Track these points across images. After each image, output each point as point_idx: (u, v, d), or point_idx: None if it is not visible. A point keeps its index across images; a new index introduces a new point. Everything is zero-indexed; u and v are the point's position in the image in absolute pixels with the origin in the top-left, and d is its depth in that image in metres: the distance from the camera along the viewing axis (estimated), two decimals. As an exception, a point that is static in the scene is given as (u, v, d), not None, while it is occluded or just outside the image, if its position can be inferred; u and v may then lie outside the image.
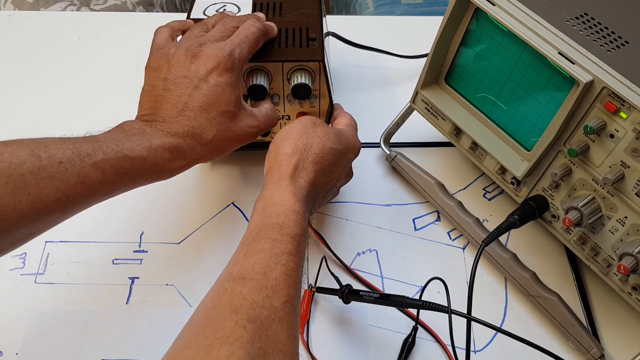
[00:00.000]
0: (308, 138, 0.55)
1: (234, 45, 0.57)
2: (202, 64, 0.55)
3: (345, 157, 0.58)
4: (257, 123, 0.59)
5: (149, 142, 0.52)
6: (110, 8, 1.12)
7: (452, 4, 0.59)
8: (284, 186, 0.51)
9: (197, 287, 0.63)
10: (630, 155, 0.51)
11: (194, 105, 0.54)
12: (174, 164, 0.54)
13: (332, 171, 0.56)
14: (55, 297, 0.62)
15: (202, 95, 0.54)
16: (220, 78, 0.55)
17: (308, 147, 0.54)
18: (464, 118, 0.64)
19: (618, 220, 0.54)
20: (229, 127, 0.56)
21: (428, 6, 1.23)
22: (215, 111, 0.55)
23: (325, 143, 0.55)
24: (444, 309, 0.52)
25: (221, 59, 0.55)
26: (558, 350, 0.59)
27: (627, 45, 0.55)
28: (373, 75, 0.85)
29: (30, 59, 0.85)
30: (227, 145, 0.57)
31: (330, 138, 0.56)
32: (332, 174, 0.57)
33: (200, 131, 0.54)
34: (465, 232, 0.67)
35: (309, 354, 0.58)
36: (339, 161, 0.57)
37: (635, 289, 0.55)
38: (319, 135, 0.56)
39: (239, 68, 0.57)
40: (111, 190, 0.51)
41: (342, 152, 0.57)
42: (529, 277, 0.62)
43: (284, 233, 0.47)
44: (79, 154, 0.48)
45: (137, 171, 0.51)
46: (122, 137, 0.51)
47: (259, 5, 0.69)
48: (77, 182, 0.47)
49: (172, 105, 0.54)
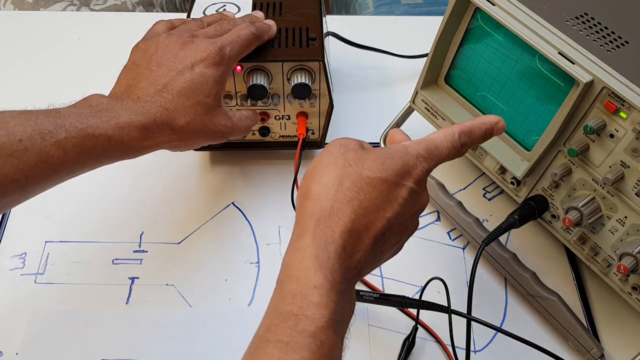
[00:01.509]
0: (337, 170, 0.41)
1: (225, 43, 0.57)
2: (191, 52, 0.55)
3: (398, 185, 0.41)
4: (230, 124, 0.57)
5: (115, 119, 0.50)
6: (110, 8, 1.11)
7: (452, 4, 0.59)
8: (305, 245, 0.38)
9: (197, 287, 0.63)
10: (630, 155, 0.51)
11: (173, 89, 0.53)
12: (142, 143, 0.52)
13: (381, 207, 0.41)
14: (55, 297, 0.62)
15: (183, 80, 0.53)
16: (206, 69, 0.54)
17: (339, 183, 0.40)
18: (464, 118, 0.64)
19: (618, 220, 0.54)
20: (202, 119, 0.54)
21: (428, 6, 1.23)
22: (193, 99, 0.53)
23: (361, 172, 0.41)
24: (444, 309, 0.52)
25: (210, 52, 0.55)
26: (558, 350, 0.59)
27: (627, 45, 0.55)
28: (373, 75, 0.85)
29: (30, 59, 0.85)
30: (197, 137, 0.56)
31: (369, 165, 0.41)
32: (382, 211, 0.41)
33: (174, 115, 0.53)
34: (465, 232, 0.67)
35: (309, 354, 0.58)
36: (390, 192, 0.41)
37: (635, 289, 0.55)
38: (350, 165, 0.41)
39: (227, 65, 0.57)
40: (73, 169, 0.49)
41: (390, 180, 0.41)
42: (529, 277, 0.62)
43: (300, 330, 0.35)
44: (40, 132, 0.46)
45: (101, 150, 0.49)
46: (87, 113, 0.49)
47: (258, 5, 0.69)
48: (37, 162, 0.46)
49: (151, 83, 0.53)
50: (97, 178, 0.71)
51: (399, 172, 0.41)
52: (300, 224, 0.40)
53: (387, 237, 0.42)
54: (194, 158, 0.73)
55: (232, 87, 0.64)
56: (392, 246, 0.44)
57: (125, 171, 0.71)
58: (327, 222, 0.39)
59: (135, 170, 0.72)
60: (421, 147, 0.43)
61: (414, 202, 0.42)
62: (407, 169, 0.42)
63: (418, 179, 0.42)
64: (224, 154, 0.74)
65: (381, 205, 0.40)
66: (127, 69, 0.56)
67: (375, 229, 0.40)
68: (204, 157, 0.74)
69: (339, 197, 0.40)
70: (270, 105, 0.66)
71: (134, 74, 0.54)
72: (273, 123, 0.69)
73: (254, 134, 0.69)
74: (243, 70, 0.63)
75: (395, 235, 0.43)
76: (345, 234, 0.39)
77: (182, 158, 0.73)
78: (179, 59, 0.54)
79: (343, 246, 0.39)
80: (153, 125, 0.52)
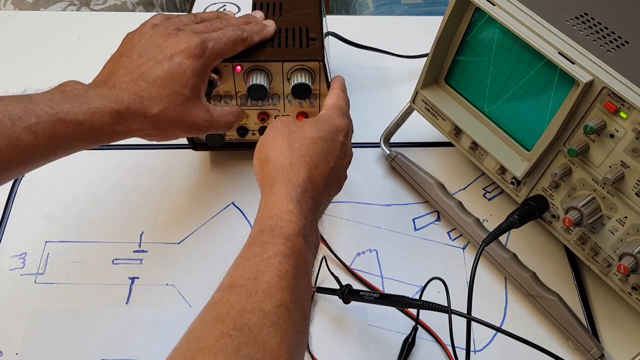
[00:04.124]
0: (285, 138, 0.53)
1: (209, 38, 0.57)
2: (173, 44, 0.55)
3: (334, 141, 0.55)
4: (208, 117, 0.57)
5: (87, 104, 0.50)
6: (110, 8, 1.11)
7: (452, 4, 0.59)
8: (276, 190, 0.49)
9: (197, 287, 0.63)
10: (630, 155, 0.51)
11: (150, 77, 0.54)
12: (114, 128, 0.52)
13: (325, 159, 0.53)
14: (55, 297, 0.62)
15: (161, 69, 0.54)
16: (185, 60, 0.55)
17: (289, 146, 0.52)
18: (464, 118, 0.64)
19: (618, 220, 0.54)
20: (177, 109, 0.55)
21: (428, 6, 1.23)
22: (168, 89, 0.54)
23: (304, 135, 0.53)
24: (444, 309, 0.52)
25: (191, 44, 0.55)
26: (558, 350, 0.59)
27: (627, 45, 0.55)
28: (373, 75, 0.85)
29: (30, 59, 0.85)
30: (171, 127, 0.56)
31: (308, 129, 0.54)
32: (327, 162, 0.53)
33: (148, 103, 0.53)
34: (465, 232, 0.67)
35: (309, 354, 0.58)
36: (328, 147, 0.54)
37: (635, 289, 0.55)
38: (294, 131, 0.53)
39: (208, 59, 0.57)
40: (46, 155, 0.49)
41: (327, 137, 0.54)
42: (529, 277, 0.62)
43: (276, 235, 0.45)
44: (10, 117, 0.46)
45: (73, 135, 0.50)
46: (59, 98, 0.50)
47: (258, 5, 0.69)
48: (8, 146, 0.46)
49: (128, 71, 0.54)
50: (98, 178, 0.71)
51: (332, 130, 0.55)
52: (268, 181, 0.50)
53: (332, 182, 0.54)
54: (194, 158, 0.73)
55: (232, 87, 0.64)
56: (334, 189, 0.56)
57: (125, 171, 0.72)
58: (289, 174, 0.50)
59: (136, 170, 0.72)
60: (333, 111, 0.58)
61: (344, 154, 0.56)
62: (336, 127, 0.56)
63: (345, 133, 0.56)
64: (224, 154, 0.74)
65: (325, 157, 0.53)
66: (112, 57, 0.57)
67: (324, 175, 0.52)
68: (204, 157, 0.74)
69: (293, 156, 0.51)
70: (270, 105, 0.66)
71: (116, 62, 0.56)
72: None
73: (254, 134, 0.69)
74: (243, 70, 0.63)
75: (336, 180, 0.56)
76: (305, 181, 0.50)
77: (182, 158, 0.73)
78: (160, 49, 0.55)
79: (305, 188, 0.50)
80: (126, 112, 0.52)
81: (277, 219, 0.47)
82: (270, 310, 0.40)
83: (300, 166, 0.51)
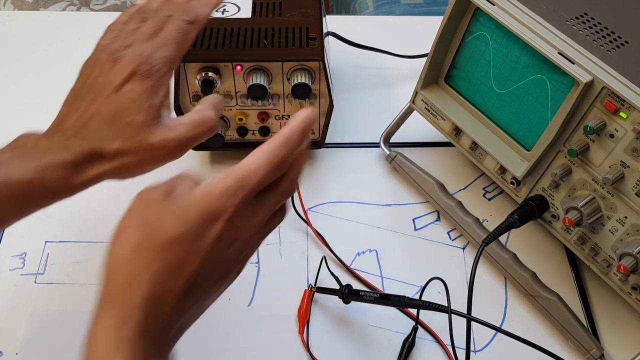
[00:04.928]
0: (135, 232, 0.39)
1: (155, 48, 0.50)
2: (119, 71, 0.49)
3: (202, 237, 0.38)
4: (172, 136, 0.49)
5: (37, 160, 0.45)
6: (110, 8, 1.12)
7: (452, 4, 0.59)
8: (106, 324, 0.37)
9: (197, 287, 0.63)
10: (630, 155, 0.51)
11: (101, 116, 0.48)
12: (70, 182, 0.47)
13: (181, 267, 0.38)
14: (55, 297, 0.62)
15: (111, 105, 0.48)
16: (135, 84, 0.48)
17: (135, 249, 0.39)
18: (464, 118, 0.64)
19: (618, 220, 0.54)
20: (136, 140, 0.47)
21: (428, 6, 1.23)
22: (122, 122, 0.48)
23: (158, 233, 0.39)
24: (444, 309, 0.52)
25: (138, 66, 0.49)
26: (558, 350, 0.59)
27: (627, 45, 0.55)
28: (373, 75, 0.85)
29: (30, 59, 0.85)
30: (139, 160, 0.48)
31: (168, 221, 0.38)
32: (185, 269, 0.38)
33: (101, 145, 0.47)
34: (465, 232, 0.67)
35: (309, 354, 0.58)
36: (189, 249, 0.38)
37: (635, 289, 0.55)
38: (149, 222, 0.39)
39: (161, 71, 0.50)
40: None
41: (190, 234, 0.38)
42: (529, 277, 0.62)
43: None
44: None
45: (22, 196, 0.45)
46: (7, 158, 0.46)
47: (258, 5, 0.69)
48: None
49: (79, 115, 0.49)
50: (97, 178, 0.71)
51: (201, 220, 0.38)
52: (101, 300, 0.38)
53: (199, 289, 0.40)
54: (194, 158, 0.73)
55: (232, 87, 0.64)
56: (214, 290, 0.42)
57: (125, 171, 0.71)
58: (123, 296, 0.37)
59: (135, 170, 0.72)
60: (231, 179, 0.39)
61: (230, 241, 0.40)
62: (211, 213, 0.38)
63: (229, 218, 0.39)
64: (224, 154, 0.74)
65: (181, 264, 0.38)
66: (70, 93, 0.51)
67: (179, 287, 0.38)
68: (204, 157, 0.74)
69: (137, 266, 0.38)
70: (270, 105, 0.66)
71: (70, 102, 0.50)
72: (273, 123, 0.69)
73: (254, 134, 0.69)
74: (243, 70, 0.63)
75: (214, 280, 0.41)
76: (146, 303, 0.37)
77: (182, 158, 0.73)
78: (109, 80, 0.49)
79: (144, 315, 0.37)
80: (81, 160, 0.47)
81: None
82: None
83: (143, 281, 0.37)
